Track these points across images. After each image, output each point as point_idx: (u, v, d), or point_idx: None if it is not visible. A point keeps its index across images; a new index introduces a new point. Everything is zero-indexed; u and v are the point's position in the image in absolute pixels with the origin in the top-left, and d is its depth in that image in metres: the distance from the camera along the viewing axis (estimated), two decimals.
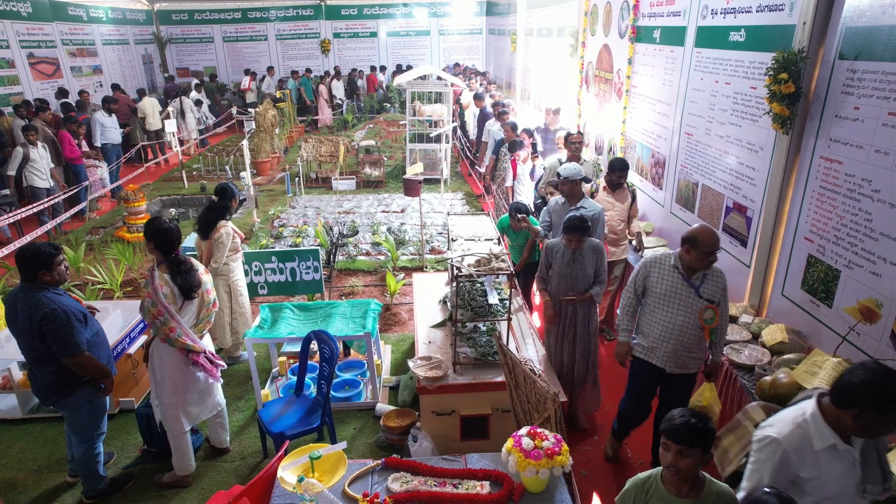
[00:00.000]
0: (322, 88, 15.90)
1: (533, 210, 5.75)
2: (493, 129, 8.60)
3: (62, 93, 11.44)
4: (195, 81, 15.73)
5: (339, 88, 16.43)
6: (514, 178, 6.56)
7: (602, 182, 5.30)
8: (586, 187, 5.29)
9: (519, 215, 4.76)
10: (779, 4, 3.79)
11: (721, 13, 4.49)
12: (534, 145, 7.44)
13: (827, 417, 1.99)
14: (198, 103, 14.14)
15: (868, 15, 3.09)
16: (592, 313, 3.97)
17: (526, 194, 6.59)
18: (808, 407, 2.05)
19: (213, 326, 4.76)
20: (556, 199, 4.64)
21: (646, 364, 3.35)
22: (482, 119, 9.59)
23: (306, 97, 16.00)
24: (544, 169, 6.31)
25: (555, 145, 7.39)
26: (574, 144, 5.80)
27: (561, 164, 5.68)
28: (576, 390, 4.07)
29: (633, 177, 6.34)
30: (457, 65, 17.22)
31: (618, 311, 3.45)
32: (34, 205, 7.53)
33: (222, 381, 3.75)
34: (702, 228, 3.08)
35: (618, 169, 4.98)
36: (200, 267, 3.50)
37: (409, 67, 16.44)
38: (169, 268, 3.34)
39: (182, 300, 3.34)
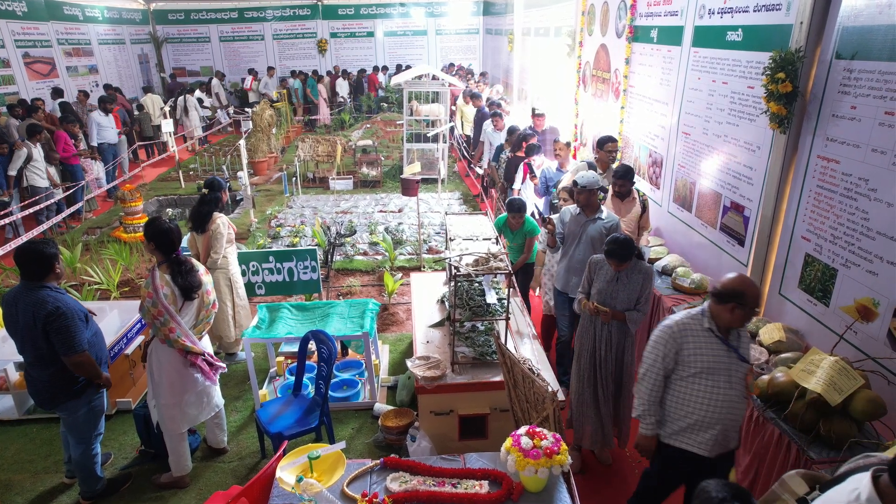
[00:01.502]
0: (322, 88, 15.91)
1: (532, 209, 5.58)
2: (489, 130, 8.48)
3: (57, 92, 11.40)
4: (212, 79, 16.14)
5: (343, 87, 16.50)
6: (523, 182, 6.48)
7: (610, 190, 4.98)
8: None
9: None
10: (776, 4, 3.80)
11: (718, 13, 4.50)
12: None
13: (887, 501, 1.62)
14: (199, 101, 14.26)
15: (864, 14, 3.10)
16: (628, 345, 3.60)
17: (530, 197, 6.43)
18: (862, 488, 1.67)
19: (216, 322, 4.77)
20: (567, 208, 4.33)
21: (681, 452, 2.77)
22: (479, 119, 9.57)
23: (313, 97, 16.07)
24: (568, 171, 5.84)
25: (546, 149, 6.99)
26: (611, 153, 5.39)
27: (589, 167, 5.39)
28: (606, 426, 3.73)
29: None
30: (451, 65, 17.23)
31: (635, 394, 2.86)
32: (32, 200, 7.53)
33: (217, 384, 3.73)
34: (743, 280, 2.58)
35: (619, 176, 4.68)
36: (201, 268, 3.49)
37: (409, 67, 16.45)
38: (169, 268, 3.33)
39: (182, 301, 3.33)
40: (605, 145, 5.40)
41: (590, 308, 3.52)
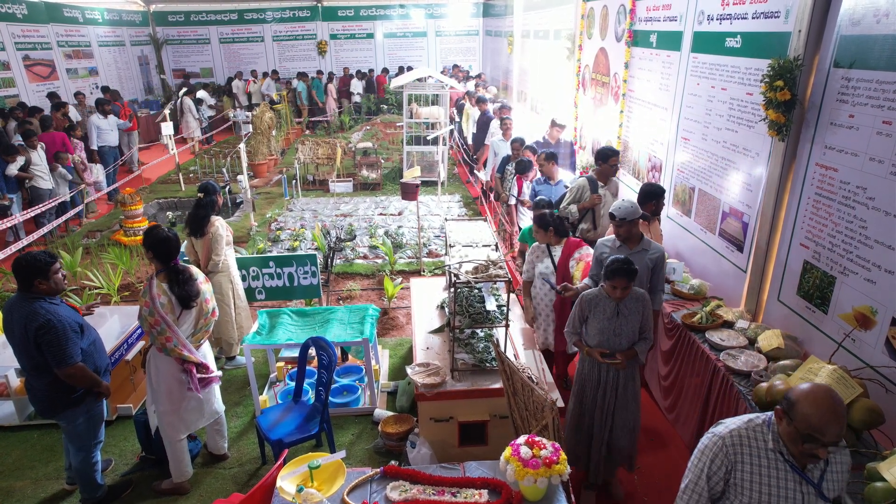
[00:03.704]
0: (331, 88, 16.01)
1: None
2: (496, 139, 8.27)
3: (52, 96, 11.40)
4: (233, 80, 16.71)
5: (357, 86, 16.77)
6: (519, 196, 6.46)
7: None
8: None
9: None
10: (774, 11, 3.81)
11: (717, 19, 4.51)
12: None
13: None
14: (199, 101, 14.41)
15: (862, 24, 3.11)
16: (635, 374, 3.36)
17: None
18: None
19: (219, 326, 4.79)
20: (604, 242, 3.87)
21: None
22: (483, 122, 9.52)
23: (318, 99, 16.12)
24: (566, 187, 5.55)
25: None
26: (614, 167, 5.12)
27: (591, 183, 5.10)
28: (612, 459, 3.48)
29: (630, 181, 6.37)
30: (455, 66, 17.25)
31: None
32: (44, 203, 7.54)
33: (217, 390, 3.74)
34: (809, 394, 1.81)
35: (658, 196, 4.31)
36: (200, 276, 3.49)
37: (410, 69, 16.48)
38: (167, 277, 3.34)
39: (180, 309, 3.34)
40: (610, 159, 5.13)
41: (620, 366, 3.22)
